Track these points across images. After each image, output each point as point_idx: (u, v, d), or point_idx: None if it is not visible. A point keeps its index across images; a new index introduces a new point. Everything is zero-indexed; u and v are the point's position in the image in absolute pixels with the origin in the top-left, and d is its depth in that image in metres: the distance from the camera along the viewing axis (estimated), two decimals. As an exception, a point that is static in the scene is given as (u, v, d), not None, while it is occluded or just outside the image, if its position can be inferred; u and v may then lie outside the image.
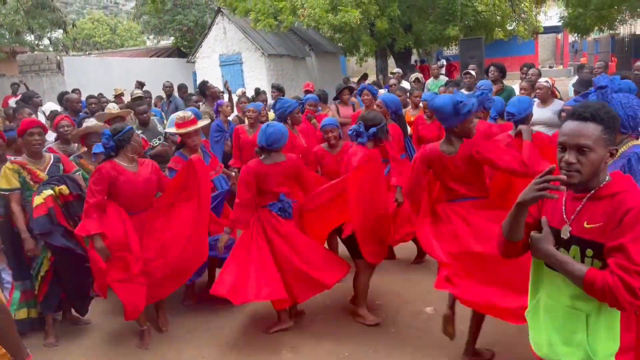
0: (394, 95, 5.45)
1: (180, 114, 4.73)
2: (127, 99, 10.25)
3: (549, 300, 1.95)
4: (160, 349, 4.03)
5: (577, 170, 1.79)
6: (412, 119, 6.20)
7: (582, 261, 1.83)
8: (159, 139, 5.88)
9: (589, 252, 1.82)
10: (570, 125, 1.82)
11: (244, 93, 9.60)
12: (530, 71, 7.13)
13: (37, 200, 3.88)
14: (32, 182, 4.03)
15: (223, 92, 8.23)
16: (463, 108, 3.23)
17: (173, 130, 4.67)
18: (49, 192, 3.93)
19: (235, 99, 8.19)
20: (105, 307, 4.71)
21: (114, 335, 4.29)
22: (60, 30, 19.03)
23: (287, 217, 4.01)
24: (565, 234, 1.88)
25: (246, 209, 3.97)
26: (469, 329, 3.53)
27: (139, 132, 5.80)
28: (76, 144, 5.02)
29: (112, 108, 5.52)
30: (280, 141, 3.94)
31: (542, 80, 5.84)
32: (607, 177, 1.86)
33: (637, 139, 2.60)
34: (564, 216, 1.90)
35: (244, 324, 4.32)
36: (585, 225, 1.83)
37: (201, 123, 4.74)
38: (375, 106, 5.30)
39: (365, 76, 15.70)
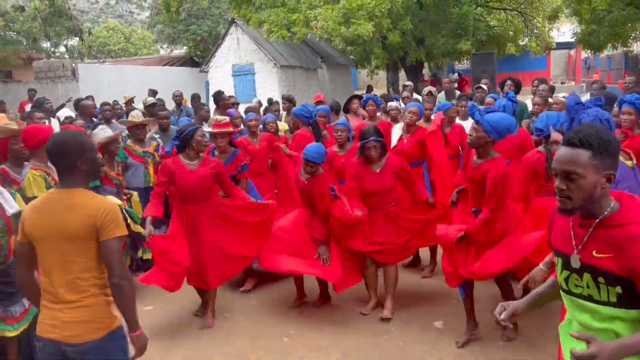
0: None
1: (219, 117, 5.22)
2: (137, 105, 10.36)
3: (581, 328, 1.90)
4: (168, 354, 4.02)
5: (567, 196, 1.77)
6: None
7: (598, 287, 1.80)
8: None
9: (601, 279, 1.79)
10: (560, 151, 1.81)
11: (259, 103, 9.65)
12: (541, 87, 7.03)
13: None
14: None
15: (239, 104, 8.26)
16: None
17: (209, 129, 5.09)
18: None
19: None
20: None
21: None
22: (76, 38, 19.29)
23: None
24: (575, 263, 1.85)
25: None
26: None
27: (157, 136, 5.97)
28: None
29: (136, 115, 5.60)
30: None
31: (559, 96, 5.85)
32: (613, 203, 1.80)
33: None
34: (574, 243, 1.87)
35: (252, 331, 4.31)
36: (594, 254, 1.80)
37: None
38: (408, 113, 5.45)
39: (370, 88, 15.79)
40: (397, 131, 5.66)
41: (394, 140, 5.55)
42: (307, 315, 4.56)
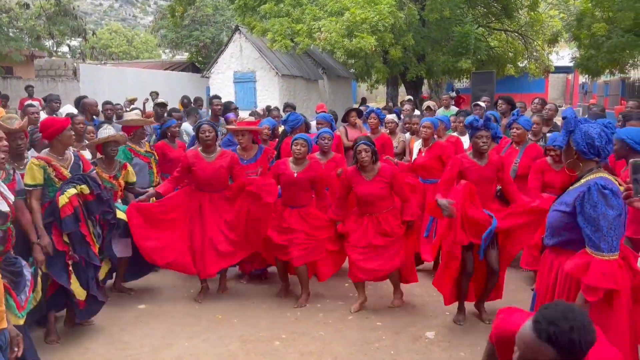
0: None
1: (244, 116, 5.68)
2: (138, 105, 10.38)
3: None
4: (159, 354, 4.02)
5: None
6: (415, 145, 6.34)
7: None
8: None
9: None
10: (526, 336, 1.70)
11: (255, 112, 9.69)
12: (547, 106, 7.11)
13: (62, 199, 3.93)
14: (56, 179, 4.06)
15: (237, 108, 8.28)
16: None
17: (233, 127, 5.59)
18: (73, 190, 3.99)
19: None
20: (107, 308, 4.72)
21: (114, 337, 4.29)
22: (79, 38, 19.37)
23: None
24: None
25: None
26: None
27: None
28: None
29: (136, 115, 5.61)
30: None
31: None
32: None
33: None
34: None
35: (244, 334, 4.31)
36: None
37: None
38: (422, 128, 5.57)
39: (364, 100, 16.03)
40: (417, 145, 5.90)
41: (414, 154, 5.81)
42: (300, 320, 4.56)
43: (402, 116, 8.07)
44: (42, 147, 4.44)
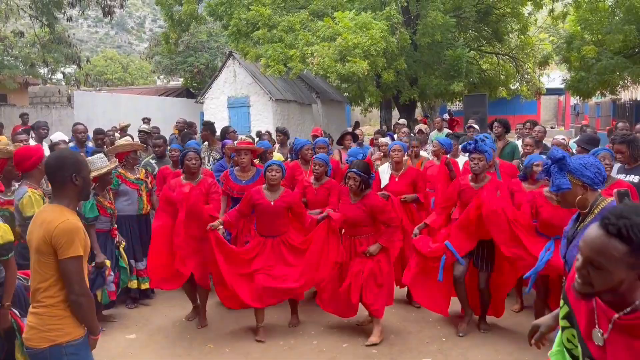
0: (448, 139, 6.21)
1: (243, 137, 5.79)
2: (132, 132, 10.36)
3: None
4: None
5: (588, 282, 1.54)
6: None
7: None
8: None
9: None
10: (592, 232, 1.52)
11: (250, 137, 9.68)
12: (537, 128, 7.17)
13: None
14: None
15: (235, 132, 8.28)
16: None
17: (234, 146, 5.70)
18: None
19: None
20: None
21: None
22: (74, 65, 19.46)
23: None
24: (598, 339, 1.62)
25: None
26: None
27: (153, 162, 6.02)
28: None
29: (126, 141, 5.58)
30: None
31: (559, 137, 6.00)
32: None
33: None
34: (596, 318, 1.63)
35: None
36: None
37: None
38: (392, 152, 5.54)
39: (357, 124, 16.13)
40: (385, 170, 5.70)
41: (385, 180, 5.60)
42: (293, 349, 4.46)
43: (395, 138, 8.07)
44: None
